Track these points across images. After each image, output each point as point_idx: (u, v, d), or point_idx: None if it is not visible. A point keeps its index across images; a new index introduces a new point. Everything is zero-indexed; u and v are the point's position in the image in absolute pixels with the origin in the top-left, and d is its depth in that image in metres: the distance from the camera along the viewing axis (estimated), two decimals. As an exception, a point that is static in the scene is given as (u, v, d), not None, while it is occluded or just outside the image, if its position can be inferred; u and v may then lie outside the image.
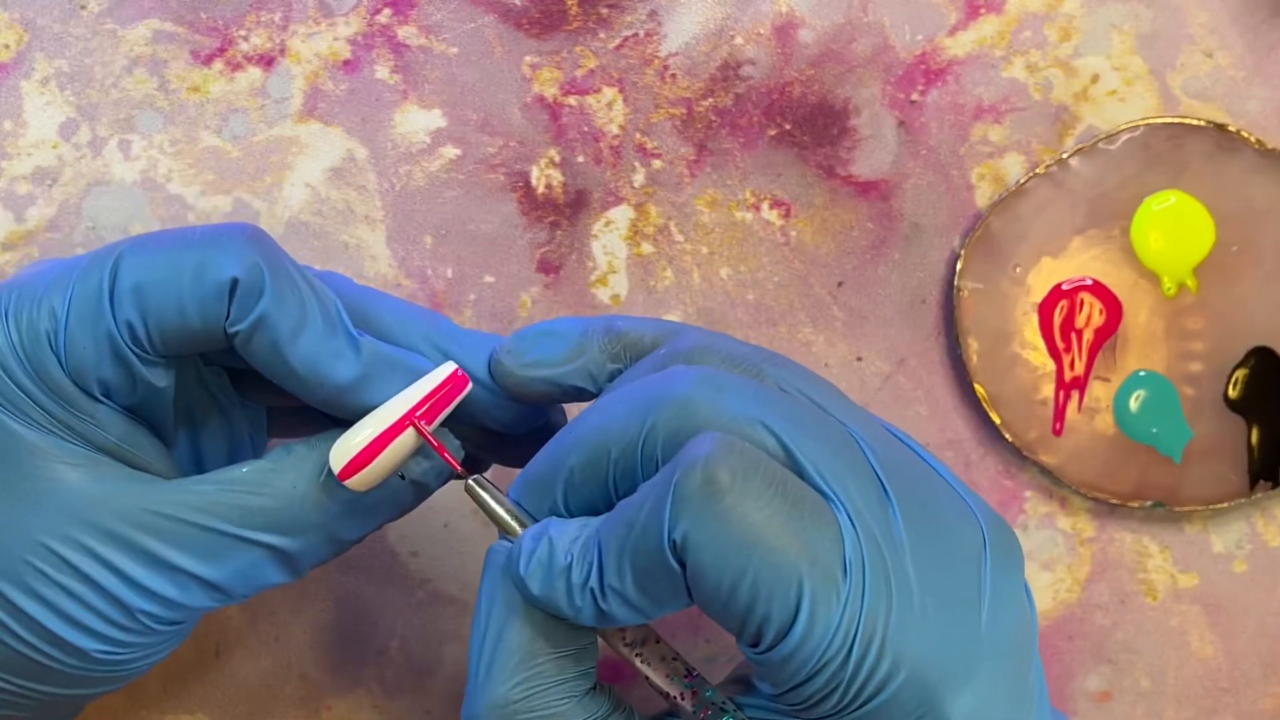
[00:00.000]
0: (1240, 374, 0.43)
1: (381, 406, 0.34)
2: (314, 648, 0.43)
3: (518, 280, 0.44)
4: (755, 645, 0.31)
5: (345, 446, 0.33)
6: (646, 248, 0.44)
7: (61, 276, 0.33)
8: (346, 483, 0.33)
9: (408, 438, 0.33)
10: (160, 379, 0.34)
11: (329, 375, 0.33)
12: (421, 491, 0.35)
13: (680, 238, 0.44)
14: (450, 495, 0.43)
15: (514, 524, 0.33)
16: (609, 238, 0.44)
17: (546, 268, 0.44)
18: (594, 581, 0.31)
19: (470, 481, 0.34)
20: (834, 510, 0.31)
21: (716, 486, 0.30)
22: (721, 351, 0.33)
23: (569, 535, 0.32)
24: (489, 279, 0.43)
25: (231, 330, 0.33)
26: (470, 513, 0.43)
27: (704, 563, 0.30)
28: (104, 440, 0.34)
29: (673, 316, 0.44)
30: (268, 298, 0.33)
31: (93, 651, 0.33)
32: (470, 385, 0.34)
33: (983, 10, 0.44)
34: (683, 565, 0.30)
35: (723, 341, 0.34)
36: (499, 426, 0.36)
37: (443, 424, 0.34)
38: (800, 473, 0.31)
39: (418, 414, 0.33)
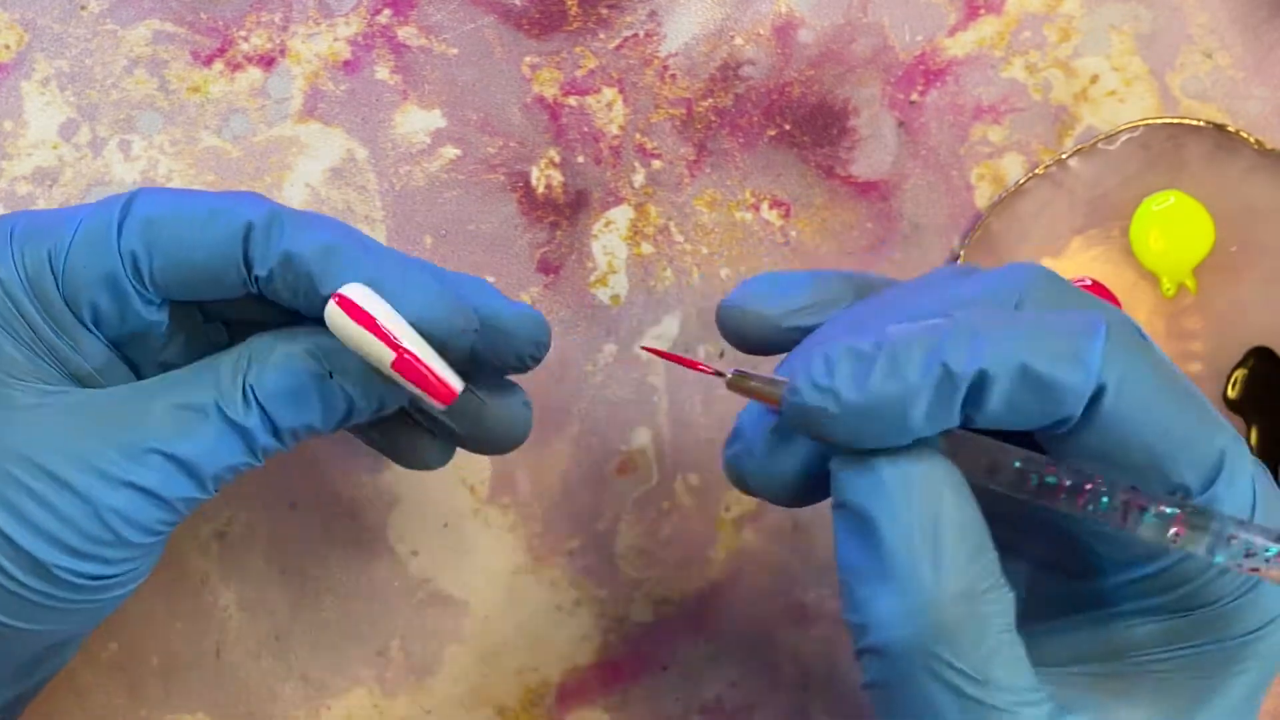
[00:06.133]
0: (1240, 374, 0.43)
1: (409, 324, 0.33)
2: (314, 648, 0.43)
3: (518, 280, 0.44)
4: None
5: (362, 293, 0.32)
6: (646, 248, 0.44)
7: (73, 210, 0.34)
8: (326, 312, 0.32)
9: (386, 356, 0.33)
10: (152, 314, 0.34)
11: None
12: (347, 408, 0.34)
13: (680, 238, 0.44)
14: (450, 495, 0.43)
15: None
16: (609, 238, 0.44)
17: (546, 268, 0.44)
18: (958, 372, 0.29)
19: (733, 373, 0.32)
20: None
21: (1143, 345, 0.30)
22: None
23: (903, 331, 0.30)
24: (489, 279, 0.43)
25: (259, 273, 0.33)
26: (470, 513, 0.43)
27: (1138, 404, 0.29)
28: (81, 368, 0.34)
29: (672, 317, 0.44)
30: (288, 235, 0.33)
31: (54, 568, 0.33)
32: (459, 396, 0.34)
33: (982, 11, 0.44)
34: (1090, 404, 0.29)
35: None
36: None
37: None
38: None
39: (408, 353, 0.33)
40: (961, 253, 0.43)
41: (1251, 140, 0.43)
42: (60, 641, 0.36)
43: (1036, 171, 0.44)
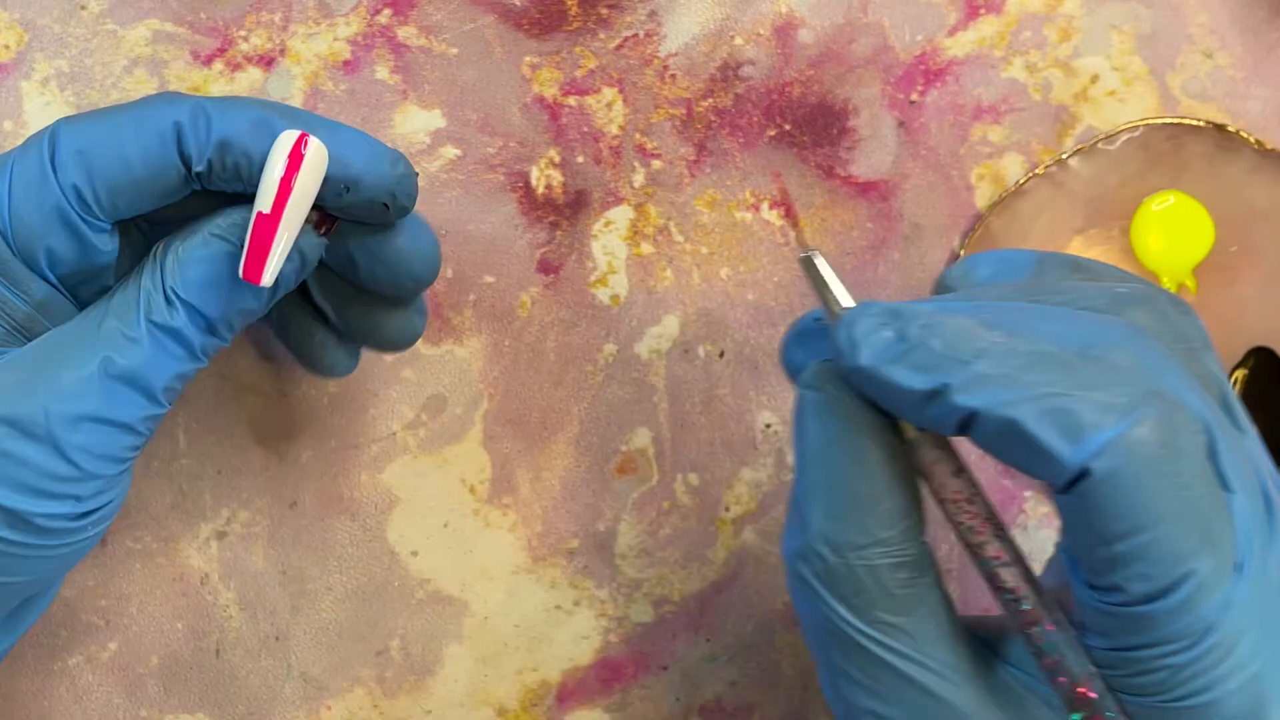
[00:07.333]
0: (1240, 374, 0.43)
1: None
2: (314, 648, 0.43)
3: (518, 280, 0.44)
4: (1107, 590, 0.30)
5: (316, 150, 0.33)
6: (646, 248, 0.44)
7: None
8: (282, 137, 0.33)
9: (265, 206, 0.33)
10: (105, 243, 0.34)
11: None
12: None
13: (680, 238, 0.44)
14: (450, 495, 0.43)
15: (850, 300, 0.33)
16: (609, 238, 0.44)
17: (546, 268, 0.44)
18: (962, 381, 0.30)
19: (811, 254, 0.33)
20: (1231, 509, 0.30)
21: (1169, 449, 0.29)
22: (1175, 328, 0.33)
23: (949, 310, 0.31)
24: (489, 279, 0.44)
25: (199, 168, 0.34)
26: (470, 513, 0.43)
27: (1116, 501, 0.29)
28: (25, 315, 0.34)
29: (672, 317, 0.44)
30: (216, 123, 0.34)
31: (25, 514, 0.33)
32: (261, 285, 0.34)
33: (982, 10, 0.44)
34: (1077, 478, 0.29)
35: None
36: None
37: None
38: (1214, 460, 0.30)
39: (276, 219, 0.33)
40: (961, 253, 0.43)
41: (1251, 140, 0.43)
42: (31, 595, 0.36)
43: (1036, 171, 0.44)
